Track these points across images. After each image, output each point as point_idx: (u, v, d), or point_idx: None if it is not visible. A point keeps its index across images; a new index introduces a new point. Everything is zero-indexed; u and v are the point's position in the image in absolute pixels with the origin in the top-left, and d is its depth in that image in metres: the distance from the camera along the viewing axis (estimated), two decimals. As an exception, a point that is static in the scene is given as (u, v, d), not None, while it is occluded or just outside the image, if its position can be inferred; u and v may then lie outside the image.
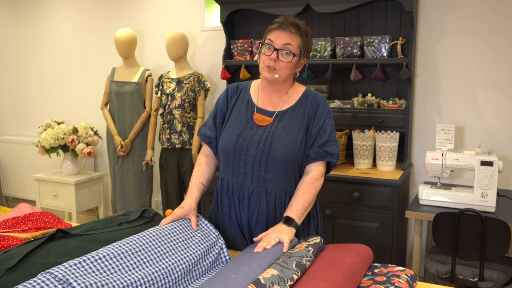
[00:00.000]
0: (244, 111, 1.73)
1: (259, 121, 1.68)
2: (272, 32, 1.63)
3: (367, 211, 2.73)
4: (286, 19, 1.62)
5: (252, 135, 1.66)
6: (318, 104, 1.70)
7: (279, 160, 1.62)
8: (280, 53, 1.61)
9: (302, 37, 1.62)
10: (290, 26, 1.60)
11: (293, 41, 1.61)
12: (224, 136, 1.71)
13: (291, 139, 1.64)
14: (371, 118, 2.96)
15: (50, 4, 4.40)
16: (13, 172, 4.76)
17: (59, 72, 4.48)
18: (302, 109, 1.70)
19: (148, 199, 3.73)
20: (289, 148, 1.63)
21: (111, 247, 1.29)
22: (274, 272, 1.22)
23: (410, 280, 1.30)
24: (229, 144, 1.67)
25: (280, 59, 1.61)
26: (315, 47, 3.09)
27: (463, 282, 2.31)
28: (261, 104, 1.73)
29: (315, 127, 1.68)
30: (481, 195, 2.46)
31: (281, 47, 1.60)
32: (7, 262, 1.25)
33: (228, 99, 1.78)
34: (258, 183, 1.65)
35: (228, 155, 1.69)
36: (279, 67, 1.62)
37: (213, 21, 3.77)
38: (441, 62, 3.01)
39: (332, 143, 1.69)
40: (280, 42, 1.60)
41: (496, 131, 2.91)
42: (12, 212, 1.82)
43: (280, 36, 1.60)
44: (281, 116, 1.69)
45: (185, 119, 3.35)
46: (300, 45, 1.62)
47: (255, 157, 1.64)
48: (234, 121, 1.72)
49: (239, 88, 1.80)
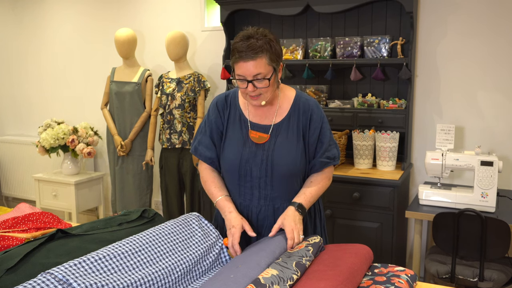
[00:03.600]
0: (238, 128, 1.68)
1: (256, 139, 1.65)
2: (237, 64, 1.53)
3: (367, 211, 2.73)
4: (243, 42, 1.51)
5: (254, 155, 1.63)
6: (311, 111, 1.66)
7: (284, 177, 1.63)
8: (254, 83, 1.54)
9: (267, 52, 1.52)
10: (250, 53, 1.49)
11: (261, 67, 1.51)
12: (226, 159, 1.67)
13: (292, 154, 1.63)
14: (371, 118, 2.96)
15: (51, 5, 4.40)
16: (13, 172, 4.76)
17: (59, 72, 4.48)
18: (295, 118, 1.66)
19: (148, 199, 3.73)
20: (291, 164, 1.63)
21: (111, 247, 1.29)
22: (274, 272, 1.22)
23: (410, 280, 1.30)
24: (233, 168, 1.65)
25: (257, 87, 1.55)
26: (315, 47, 3.09)
27: (463, 282, 2.31)
28: (254, 118, 1.68)
29: (311, 136, 1.66)
30: (481, 195, 2.46)
31: (253, 78, 1.53)
32: (7, 262, 1.25)
33: (220, 114, 1.71)
34: (265, 201, 1.66)
35: (233, 178, 1.67)
36: (260, 92, 1.57)
37: (213, 21, 3.77)
38: (441, 62, 3.01)
39: (331, 146, 1.69)
40: (249, 74, 1.52)
41: (496, 131, 2.91)
42: (12, 212, 1.82)
43: (246, 67, 1.51)
44: (276, 130, 1.65)
45: (185, 119, 3.35)
46: (269, 62, 1.52)
47: (260, 178, 1.63)
48: (231, 141, 1.68)
49: (228, 101, 1.72)
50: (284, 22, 3.35)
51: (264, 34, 1.54)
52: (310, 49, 3.12)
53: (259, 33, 1.54)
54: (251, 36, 1.52)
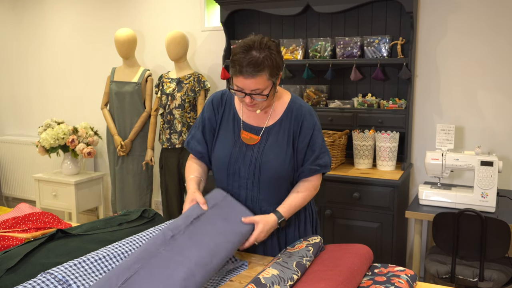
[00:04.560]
0: (231, 127, 1.69)
1: (247, 140, 1.66)
2: (236, 77, 1.52)
3: (367, 211, 2.73)
4: (244, 55, 1.49)
5: (243, 156, 1.64)
6: (303, 118, 1.65)
7: (271, 180, 1.63)
8: (252, 96, 1.54)
9: (269, 68, 1.50)
10: (250, 69, 1.47)
11: (261, 83, 1.51)
12: (216, 156, 1.69)
13: (280, 158, 1.63)
14: (371, 118, 2.96)
15: (51, 5, 4.40)
16: (13, 172, 4.76)
17: (59, 72, 4.48)
18: (287, 123, 1.66)
19: (148, 199, 3.73)
20: (279, 167, 1.63)
21: (111, 247, 1.29)
22: (274, 272, 1.22)
23: (410, 280, 1.30)
24: (222, 166, 1.67)
25: (254, 99, 1.55)
26: (315, 47, 3.09)
27: (463, 282, 2.31)
28: (247, 119, 1.69)
29: (301, 142, 1.65)
30: (481, 195, 2.46)
31: (251, 92, 1.53)
32: (7, 262, 1.25)
33: (215, 112, 1.73)
34: (252, 203, 1.66)
35: (222, 177, 1.69)
36: (257, 103, 1.58)
37: (213, 21, 3.77)
38: (441, 62, 3.01)
39: (323, 154, 1.68)
40: (248, 88, 1.52)
41: (496, 131, 2.91)
42: (12, 212, 1.82)
43: (246, 83, 1.51)
44: (268, 133, 1.66)
45: (185, 119, 3.35)
46: (269, 77, 1.52)
47: (247, 179, 1.64)
48: (223, 139, 1.69)
49: (224, 99, 1.74)
50: (284, 22, 3.35)
51: (267, 46, 1.50)
52: (310, 49, 3.12)
53: (262, 44, 1.50)
54: (252, 48, 1.49)
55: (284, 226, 1.66)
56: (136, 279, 1.12)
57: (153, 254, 1.21)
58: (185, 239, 1.30)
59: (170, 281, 1.13)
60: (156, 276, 1.14)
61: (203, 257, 1.24)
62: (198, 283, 1.17)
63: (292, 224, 1.71)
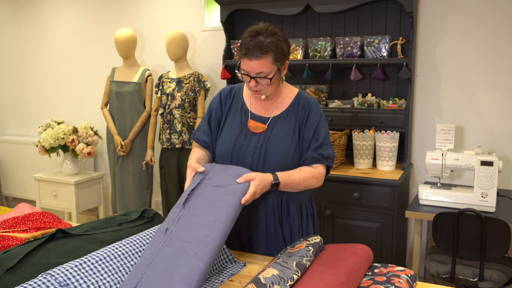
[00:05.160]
0: (238, 117, 1.72)
1: (254, 128, 1.68)
2: (242, 59, 1.57)
3: (367, 211, 2.73)
4: (251, 39, 1.54)
5: (248, 143, 1.66)
6: (310, 108, 1.69)
7: (275, 168, 1.62)
8: (257, 79, 1.58)
9: (273, 52, 1.54)
10: (256, 51, 1.52)
11: (265, 66, 1.55)
12: (221, 144, 1.71)
13: (285, 146, 1.64)
14: (371, 118, 2.96)
15: (51, 5, 4.40)
16: (13, 172, 4.76)
17: (59, 72, 4.48)
18: (294, 113, 1.69)
19: (148, 199, 3.73)
20: (284, 156, 1.64)
21: (112, 247, 1.29)
22: (274, 272, 1.22)
23: (410, 280, 1.30)
24: (226, 153, 1.68)
25: (259, 83, 1.60)
26: (315, 47, 3.09)
27: (463, 282, 2.31)
28: (255, 110, 1.72)
29: (307, 131, 1.67)
30: (481, 195, 2.46)
31: (256, 75, 1.57)
32: (7, 262, 1.25)
33: (222, 103, 1.76)
34: None
35: (225, 163, 1.68)
36: (262, 89, 1.62)
37: (213, 21, 3.77)
38: (441, 62, 3.01)
39: (327, 146, 1.69)
40: (253, 71, 1.56)
41: (496, 131, 2.91)
42: (12, 212, 1.82)
43: (250, 65, 1.55)
44: (274, 122, 1.68)
45: (185, 119, 3.35)
46: (274, 61, 1.56)
47: (251, 166, 1.64)
48: (229, 128, 1.71)
49: (232, 92, 1.78)
50: (284, 22, 3.35)
51: (273, 32, 1.56)
52: (310, 49, 3.12)
53: (268, 30, 1.56)
54: (260, 33, 1.55)
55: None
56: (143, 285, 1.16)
57: (153, 255, 1.23)
58: (179, 228, 1.32)
59: (173, 278, 1.16)
60: (159, 276, 1.17)
61: (202, 232, 1.28)
62: (206, 262, 1.21)
63: (295, 223, 1.71)
